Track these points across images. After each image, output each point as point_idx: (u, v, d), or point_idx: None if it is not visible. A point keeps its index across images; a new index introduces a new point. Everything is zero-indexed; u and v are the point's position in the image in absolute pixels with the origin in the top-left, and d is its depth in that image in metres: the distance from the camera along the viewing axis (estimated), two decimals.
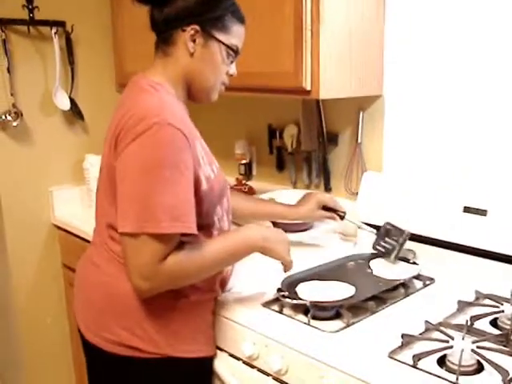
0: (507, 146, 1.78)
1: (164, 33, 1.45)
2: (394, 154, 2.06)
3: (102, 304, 1.46)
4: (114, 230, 1.40)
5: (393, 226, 1.76)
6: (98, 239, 1.53)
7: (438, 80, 1.91)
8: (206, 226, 1.46)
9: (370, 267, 1.71)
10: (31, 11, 2.44)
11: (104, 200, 1.46)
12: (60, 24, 2.53)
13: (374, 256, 1.78)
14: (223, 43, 1.45)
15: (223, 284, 1.59)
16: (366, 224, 1.98)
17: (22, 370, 2.76)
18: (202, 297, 1.49)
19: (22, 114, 2.50)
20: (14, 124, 2.48)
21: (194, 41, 1.42)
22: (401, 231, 1.73)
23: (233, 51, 1.47)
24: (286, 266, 1.54)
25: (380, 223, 1.93)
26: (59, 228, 2.66)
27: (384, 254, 1.75)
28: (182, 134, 1.32)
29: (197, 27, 1.40)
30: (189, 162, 1.33)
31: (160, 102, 1.37)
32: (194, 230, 1.33)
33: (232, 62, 1.51)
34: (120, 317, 1.43)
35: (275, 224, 2.12)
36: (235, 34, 1.47)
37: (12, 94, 2.47)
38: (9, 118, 2.47)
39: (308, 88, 1.80)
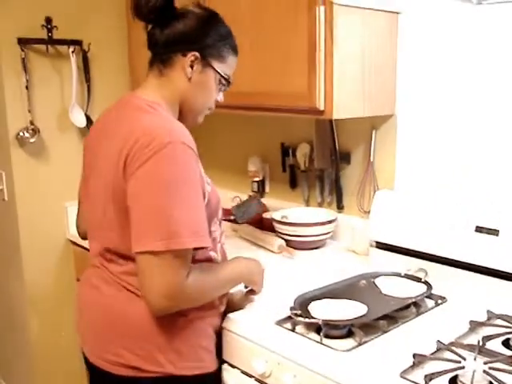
0: None
1: (163, 54, 1.48)
2: (406, 172, 2.07)
3: (102, 325, 1.47)
4: (115, 254, 1.43)
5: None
6: (95, 261, 1.53)
7: (450, 99, 1.92)
8: None
9: (376, 285, 1.72)
10: (50, 31, 2.50)
11: (100, 222, 1.46)
12: (77, 43, 2.59)
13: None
14: (218, 72, 1.51)
15: (222, 298, 1.59)
16: (378, 243, 1.99)
17: (36, 382, 2.78)
18: (201, 314, 1.49)
19: (39, 131, 2.54)
20: (32, 140, 2.52)
21: (192, 66, 1.47)
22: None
23: (226, 80, 1.54)
24: (256, 293, 1.68)
25: (392, 242, 1.94)
26: (74, 243, 2.68)
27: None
28: (192, 151, 1.36)
29: (197, 54, 1.46)
30: (199, 177, 1.39)
31: (166, 121, 1.41)
32: (209, 243, 1.38)
33: (223, 90, 1.57)
34: (121, 338, 1.43)
35: (288, 242, 2.14)
36: (229, 64, 1.54)
37: (30, 111, 2.52)
38: (26, 134, 2.52)
39: (321, 108, 1.82)
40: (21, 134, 2.51)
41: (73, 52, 2.56)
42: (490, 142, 1.84)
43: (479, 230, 1.73)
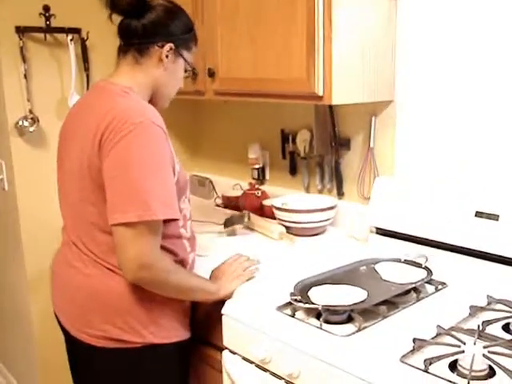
0: None
1: (140, 44, 1.58)
2: (406, 158, 2.07)
3: (85, 303, 1.56)
4: (94, 227, 1.52)
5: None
6: (71, 239, 1.60)
7: (449, 84, 1.91)
8: None
9: (376, 271, 1.72)
10: (48, 19, 2.48)
11: (79, 199, 1.55)
12: (76, 31, 2.57)
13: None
14: (187, 61, 1.65)
15: None
16: (379, 229, 2.00)
17: (38, 372, 2.80)
18: None
19: (38, 120, 2.53)
20: (31, 129, 2.52)
21: (167, 56, 1.58)
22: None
23: (192, 69, 1.69)
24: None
25: (392, 228, 1.94)
26: None
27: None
28: (162, 131, 1.48)
29: (172, 45, 1.59)
30: (169, 155, 1.49)
31: (138, 103, 1.52)
32: (179, 215, 1.51)
33: (186, 77, 1.71)
34: (103, 312, 1.53)
35: (288, 229, 2.15)
36: (192, 54, 1.68)
37: (29, 100, 2.51)
38: (25, 123, 2.51)
39: (320, 94, 1.82)
40: (20, 123, 2.51)
41: (71, 40, 2.54)
42: (490, 125, 1.83)
43: (479, 215, 1.72)
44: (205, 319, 1.75)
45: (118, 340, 1.53)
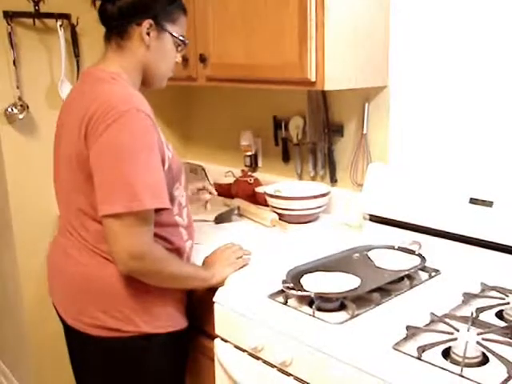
0: None
1: (118, 27, 1.54)
2: (399, 144, 2.06)
3: (79, 291, 1.55)
4: (86, 216, 1.50)
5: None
6: (66, 228, 1.59)
7: (443, 70, 1.90)
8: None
9: (370, 258, 1.71)
10: (36, 4, 2.43)
11: (71, 188, 1.53)
12: (65, 16, 2.53)
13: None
14: (173, 35, 1.57)
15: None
16: (372, 216, 1.99)
17: (32, 361, 2.79)
18: None
19: (28, 107, 2.50)
20: (20, 117, 2.49)
21: (148, 34, 1.52)
22: None
23: (181, 41, 1.59)
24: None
25: (385, 215, 1.93)
26: None
27: None
28: (149, 119, 1.44)
29: (151, 21, 1.52)
30: (157, 143, 1.45)
31: (125, 91, 1.48)
32: (169, 204, 1.46)
33: (180, 51, 1.63)
34: (97, 301, 1.53)
35: (281, 216, 2.13)
36: (181, 25, 1.60)
37: (18, 87, 2.47)
38: (15, 110, 2.48)
39: (313, 79, 1.80)
40: (9, 110, 2.47)
41: (61, 26, 2.50)
42: (485, 111, 1.82)
43: (473, 201, 1.71)
44: (197, 307, 1.74)
45: (112, 329, 1.52)
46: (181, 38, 1.59)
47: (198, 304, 1.73)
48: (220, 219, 2.19)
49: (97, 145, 1.40)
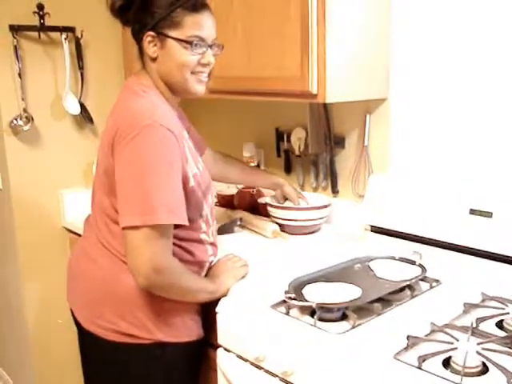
0: None
1: (136, 43, 1.58)
2: (400, 156, 2.07)
3: (98, 295, 1.56)
4: (111, 221, 1.53)
5: None
6: (93, 231, 1.62)
7: (443, 83, 1.91)
8: (194, 219, 1.57)
9: (371, 269, 1.72)
10: (42, 17, 2.47)
11: (101, 192, 1.56)
12: (70, 30, 2.57)
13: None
14: (177, 39, 1.50)
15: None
16: (373, 226, 2.00)
17: (34, 370, 2.79)
18: None
19: (32, 119, 2.53)
20: (25, 128, 2.51)
21: (154, 45, 1.52)
22: None
23: (189, 43, 1.50)
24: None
25: (386, 225, 1.95)
26: (70, 231, 2.68)
27: None
28: (172, 135, 1.44)
29: (151, 33, 1.51)
30: (178, 159, 1.45)
31: (150, 105, 1.49)
32: (186, 221, 1.45)
33: (203, 52, 1.54)
34: (115, 306, 1.53)
35: (282, 227, 2.15)
36: (190, 25, 1.50)
37: (23, 99, 2.51)
38: (20, 122, 2.51)
39: (314, 92, 1.82)
40: (14, 121, 2.51)
41: (65, 39, 2.54)
42: (485, 123, 1.83)
43: (473, 212, 1.73)
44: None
45: (128, 334, 1.53)
46: (188, 40, 1.50)
47: (201, 314, 1.73)
48: (222, 230, 2.20)
49: (119, 157, 1.43)
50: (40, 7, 2.47)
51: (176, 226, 1.47)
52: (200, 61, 1.54)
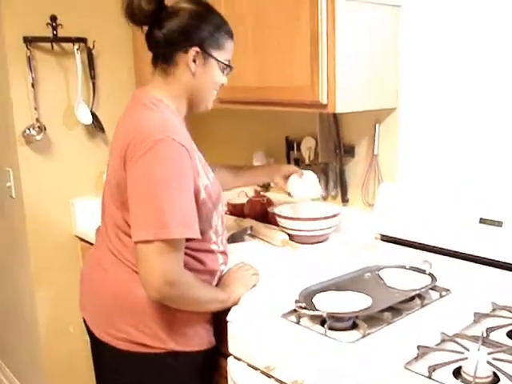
0: None
1: (164, 54, 1.55)
2: (409, 165, 2.08)
3: (110, 304, 1.57)
4: (122, 232, 1.54)
5: None
6: (104, 241, 1.63)
7: (452, 92, 1.92)
8: (204, 230, 1.57)
9: (381, 278, 1.73)
10: (55, 29, 2.51)
11: (111, 203, 1.57)
12: (82, 40, 2.60)
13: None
14: (219, 61, 1.58)
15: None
16: (383, 235, 2.00)
17: (45, 378, 2.81)
18: None
19: (45, 128, 2.55)
20: (38, 138, 2.54)
21: (194, 61, 1.54)
22: None
23: (228, 66, 1.61)
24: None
25: (396, 234, 1.95)
26: (81, 239, 2.70)
27: None
28: (184, 149, 1.45)
29: (197, 49, 1.53)
30: (190, 174, 1.47)
31: (162, 119, 1.49)
32: (198, 234, 1.47)
33: (226, 75, 1.64)
34: (127, 316, 1.54)
35: (292, 236, 2.15)
36: (227, 50, 1.61)
37: (36, 109, 2.53)
38: (33, 132, 2.54)
39: (324, 102, 1.83)
40: (27, 131, 2.53)
41: (78, 49, 2.57)
42: (495, 132, 1.84)
43: (483, 221, 1.73)
44: None
45: (140, 344, 1.54)
46: (227, 62, 1.60)
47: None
48: (232, 239, 2.21)
49: (131, 172, 1.43)
50: (53, 19, 2.50)
51: (188, 239, 1.48)
52: (223, 81, 1.65)
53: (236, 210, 2.55)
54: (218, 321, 1.67)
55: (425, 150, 2.03)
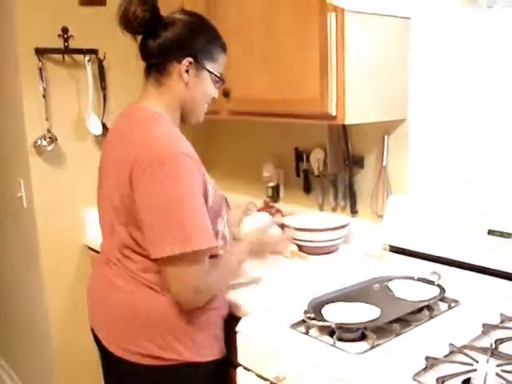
0: None
1: (158, 63, 1.57)
2: (418, 176, 2.08)
3: (125, 320, 1.56)
4: (129, 249, 1.54)
5: None
6: (110, 258, 1.62)
7: (462, 104, 1.92)
8: None
9: (390, 289, 1.73)
10: (66, 40, 2.54)
11: (117, 222, 1.56)
12: (93, 52, 2.63)
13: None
14: (212, 73, 1.60)
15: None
16: (392, 246, 2.00)
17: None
18: (214, 305, 1.61)
19: (56, 139, 2.58)
20: (49, 149, 2.57)
21: (187, 71, 1.55)
22: None
23: (219, 78, 1.63)
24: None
25: (405, 245, 1.95)
26: (91, 249, 2.72)
27: None
28: (192, 160, 1.47)
29: (191, 59, 1.55)
30: (201, 184, 1.49)
31: (168, 133, 1.51)
32: (217, 242, 1.54)
33: (218, 88, 1.66)
34: (143, 330, 1.54)
35: (301, 247, 2.16)
36: (220, 63, 1.63)
37: (47, 119, 2.56)
38: (44, 142, 2.56)
39: (333, 114, 1.84)
40: (38, 142, 2.56)
41: (89, 61, 2.60)
42: (504, 143, 1.84)
43: (492, 233, 1.73)
44: None
45: (155, 357, 1.54)
46: (219, 75, 1.62)
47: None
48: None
49: (144, 188, 1.43)
50: (64, 30, 2.53)
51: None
52: (215, 94, 1.66)
53: None
54: (228, 331, 1.68)
55: (434, 162, 2.03)
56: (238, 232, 1.99)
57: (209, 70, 1.59)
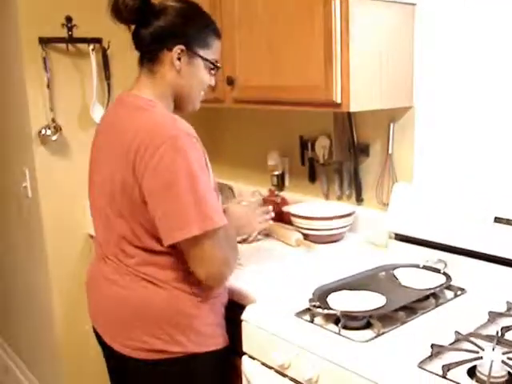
0: None
1: (150, 52, 1.55)
2: (424, 164, 2.07)
3: (124, 315, 1.56)
4: (127, 242, 1.52)
5: None
6: (105, 254, 1.61)
7: (468, 91, 1.91)
8: None
9: (396, 277, 1.72)
10: (70, 29, 2.53)
11: (114, 214, 1.53)
12: (97, 41, 2.61)
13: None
14: (205, 59, 1.58)
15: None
16: (398, 235, 2.00)
17: (61, 375, 2.84)
18: (215, 293, 1.62)
19: (60, 129, 2.58)
20: (53, 138, 2.56)
21: (179, 59, 1.53)
22: None
23: (213, 65, 1.61)
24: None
25: (411, 234, 1.94)
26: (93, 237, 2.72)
27: None
28: (197, 140, 1.48)
29: (182, 47, 1.53)
30: (204, 162, 1.49)
31: (167, 116, 1.50)
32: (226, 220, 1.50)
33: (213, 75, 1.64)
34: (145, 325, 1.53)
35: (306, 236, 2.15)
36: (214, 49, 1.61)
37: (51, 109, 2.56)
38: (48, 132, 2.56)
39: (338, 101, 1.82)
40: (43, 131, 2.56)
41: (93, 50, 2.59)
42: (510, 133, 1.83)
43: (498, 220, 1.72)
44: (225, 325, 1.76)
45: (159, 351, 1.53)
46: (213, 61, 1.60)
47: (226, 322, 1.75)
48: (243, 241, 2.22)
49: (151, 172, 1.41)
50: (68, 19, 2.52)
51: None
52: (211, 82, 1.64)
53: None
54: (233, 320, 1.68)
55: (440, 149, 2.02)
56: None
57: (202, 57, 1.57)
